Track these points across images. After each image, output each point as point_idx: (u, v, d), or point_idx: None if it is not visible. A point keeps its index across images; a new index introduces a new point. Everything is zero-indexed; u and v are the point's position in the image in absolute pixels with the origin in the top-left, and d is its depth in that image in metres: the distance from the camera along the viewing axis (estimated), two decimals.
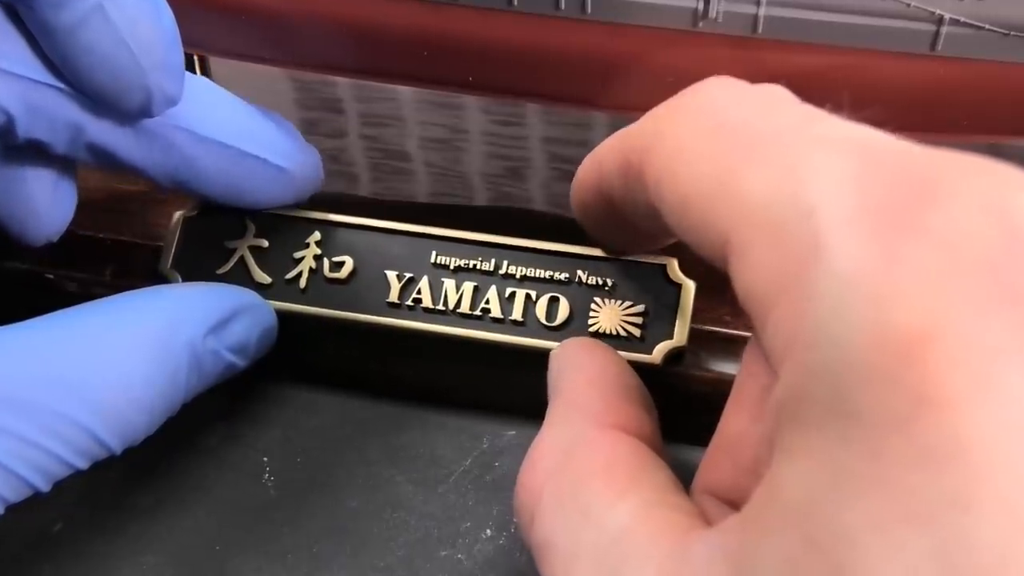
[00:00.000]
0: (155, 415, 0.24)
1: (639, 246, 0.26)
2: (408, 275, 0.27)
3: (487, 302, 0.27)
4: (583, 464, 0.20)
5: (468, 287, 0.27)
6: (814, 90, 0.19)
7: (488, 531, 0.27)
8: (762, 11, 0.25)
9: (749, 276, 0.17)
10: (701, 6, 0.25)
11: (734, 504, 0.19)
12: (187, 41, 0.28)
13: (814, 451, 0.15)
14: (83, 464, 0.23)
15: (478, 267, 0.27)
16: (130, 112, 0.24)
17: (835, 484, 0.14)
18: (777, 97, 0.19)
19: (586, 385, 0.22)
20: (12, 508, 0.22)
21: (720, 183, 0.18)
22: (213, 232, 0.28)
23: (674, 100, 0.20)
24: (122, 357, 0.23)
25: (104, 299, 0.24)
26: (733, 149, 0.18)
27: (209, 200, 0.27)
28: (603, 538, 0.18)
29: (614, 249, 0.26)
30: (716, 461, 0.20)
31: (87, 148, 0.25)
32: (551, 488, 0.20)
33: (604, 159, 0.22)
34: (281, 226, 0.28)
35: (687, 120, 0.19)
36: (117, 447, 0.23)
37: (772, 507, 0.15)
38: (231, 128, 0.26)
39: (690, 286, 0.26)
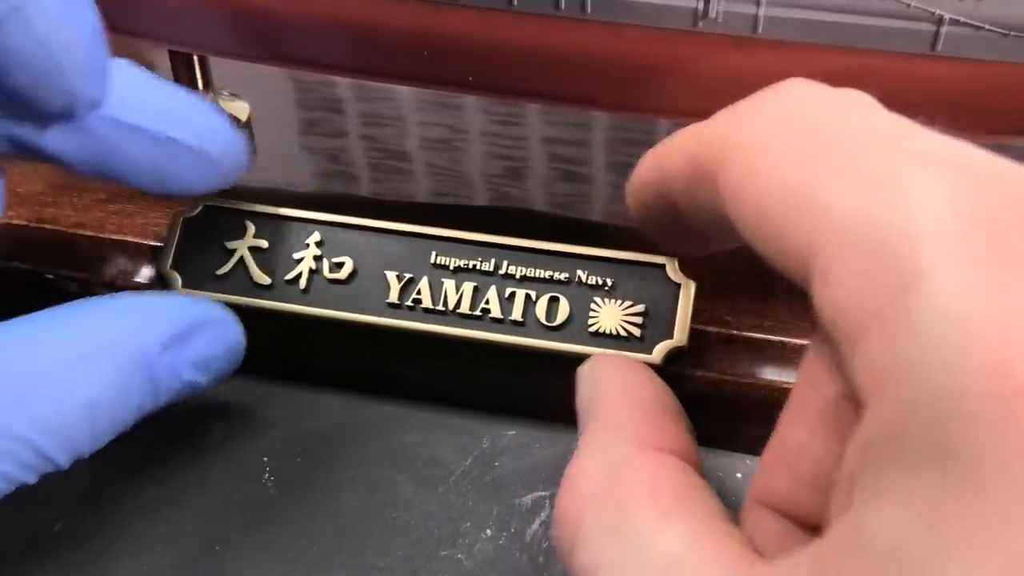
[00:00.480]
0: (104, 429, 0.23)
1: (697, 248, 0.24)
2: (408, 275, 0.27)
3: (487, 302, 0.27)
4: (627, 488, 0.19)
5: (468, 287, 0.27)
6: None
7: (488, 531, 0.27)
8: (762, 11, 0.25)
9: (836, 297, 0.16)
10: (701, 6, 0.25)
11: (791, 517, 0.18)
12: (187, 41, 0.28)
13: (909, 494, 0.14)
14: (30, 479, 0.22)
15: (478, 267, 0.27)
16: (51, 114, 0.23)
17: (934, 533, 0.13)
18: (864, 104, 0.18)
19: (624, 405, 0.21)
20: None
21: (803, 193, 0.16)
22: (213, 232, 0.28)
23: (751, 102, 0.19)
24: (69, 369, 0.22)
25: (56, 307, 0.23)
26: (818, 157, 0.17)
27: (133, 186, 0.26)
28: (652, 566, 0.17)
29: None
30: (773, 471, 0.19)
31: (6, 140, 0.24)
32: (593, 513, 0.19)
33: (668, 159, 0.21)
34: (281, 226, 0.28)
35: (767, 123, 0.18)
36: (64, 461, 0.22)
37: (857, 552, 0.14)
38: (153, 113, 0.25)
39: (690, 286, 0.26)
